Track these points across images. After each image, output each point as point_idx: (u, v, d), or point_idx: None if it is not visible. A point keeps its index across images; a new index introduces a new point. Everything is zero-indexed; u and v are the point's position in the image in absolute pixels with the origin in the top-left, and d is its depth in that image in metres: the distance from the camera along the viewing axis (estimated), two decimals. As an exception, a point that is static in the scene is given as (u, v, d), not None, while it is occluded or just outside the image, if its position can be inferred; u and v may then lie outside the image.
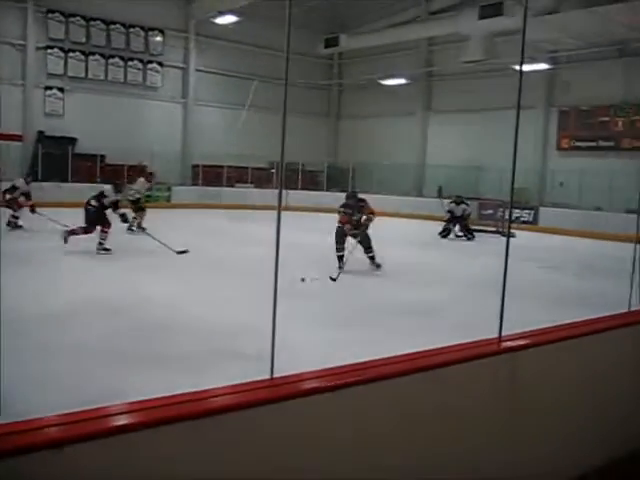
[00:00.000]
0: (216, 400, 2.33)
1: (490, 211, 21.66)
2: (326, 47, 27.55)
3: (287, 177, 27.05)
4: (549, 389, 3.47)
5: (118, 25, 25.70)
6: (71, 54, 24.77)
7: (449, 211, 17.63)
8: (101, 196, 12.03)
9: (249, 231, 15.49)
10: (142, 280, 9.24)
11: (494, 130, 23.09)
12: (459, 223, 17.64)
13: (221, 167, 27.48)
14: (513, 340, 3.26)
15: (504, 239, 13.71)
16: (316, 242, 12.89)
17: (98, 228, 11.80)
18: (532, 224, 21.59)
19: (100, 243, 11.74)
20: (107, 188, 12.26)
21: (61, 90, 24.68)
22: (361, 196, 11.52)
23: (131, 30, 26.11)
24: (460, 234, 17.66)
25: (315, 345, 5.97)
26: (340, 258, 10.82)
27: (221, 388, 2.36)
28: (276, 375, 2.52)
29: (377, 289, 9.76)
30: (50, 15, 24.09)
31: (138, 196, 15.57)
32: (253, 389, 2.34)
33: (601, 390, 3.87)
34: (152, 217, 15.27)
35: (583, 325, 3.86)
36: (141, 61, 26.61)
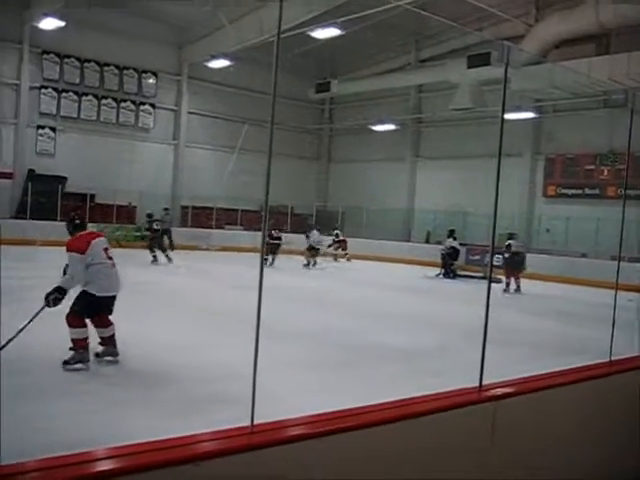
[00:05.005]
0: (197, 447, 2.33)
1: (477, 257, 21.77)
2: (317, 92, 27.90)
3: (276, 220, 27.14)
4: (530, 437, 3.48)
5: (112, 67, 26.03)
6: (64, 94, 25.01)
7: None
8: None
9: (235, 273, 15.46)
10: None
11: (481, 177, 23.28)
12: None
13: (211, 209, 27.60)
14: (493, 389, 3.28)
15: (493, 284, 13.76)
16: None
17: None
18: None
19: None
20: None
21: (53, 130, 24.83)
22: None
23: (125, 72, 26.44)
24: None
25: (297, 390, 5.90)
26: None
27: (201, 434, 2.36)
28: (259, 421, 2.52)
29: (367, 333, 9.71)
30: (45, 56, 24.38)
31: None
32: (232, 436, 2.34)
33: (580, 439, 3.88)
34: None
35: (564, 374, 3.89)
36: (134, 102, 26.88)
